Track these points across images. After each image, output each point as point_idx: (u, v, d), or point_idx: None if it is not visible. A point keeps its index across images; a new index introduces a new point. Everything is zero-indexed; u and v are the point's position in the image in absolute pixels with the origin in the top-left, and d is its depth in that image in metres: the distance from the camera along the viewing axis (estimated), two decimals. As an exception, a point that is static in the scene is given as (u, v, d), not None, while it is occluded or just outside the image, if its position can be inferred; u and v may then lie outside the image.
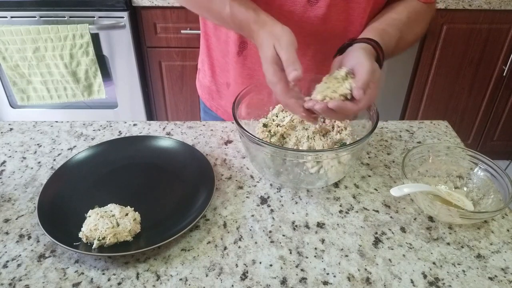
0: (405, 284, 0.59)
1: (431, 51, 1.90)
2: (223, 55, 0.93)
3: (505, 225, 0.68)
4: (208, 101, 1.05)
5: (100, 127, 0.91)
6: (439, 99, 2.06)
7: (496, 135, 2.22)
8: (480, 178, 0.73)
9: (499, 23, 1.83)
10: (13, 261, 0.61)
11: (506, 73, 1.96)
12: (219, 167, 0.80)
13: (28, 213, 0.69)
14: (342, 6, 0.78)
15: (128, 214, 0.65)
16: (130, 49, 1.82)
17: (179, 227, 0.64)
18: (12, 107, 1.99)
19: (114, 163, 0.78)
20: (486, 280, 0.60)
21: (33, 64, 1.76)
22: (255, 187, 0.75)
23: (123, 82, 1.92)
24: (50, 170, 0.79)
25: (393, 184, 0.77)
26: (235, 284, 0.58)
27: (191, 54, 1.88)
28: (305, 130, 0.75)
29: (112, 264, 0.61)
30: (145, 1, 1.72)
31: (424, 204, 0.68)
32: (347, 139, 0.74)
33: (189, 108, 2.06)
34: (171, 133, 0.90)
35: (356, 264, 0.61)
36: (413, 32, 0.82)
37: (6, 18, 1.71)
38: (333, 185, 0.76)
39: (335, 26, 0.80)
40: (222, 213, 0.70)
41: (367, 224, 0.68)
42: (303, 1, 0.77)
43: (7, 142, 0.86)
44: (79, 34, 1.71)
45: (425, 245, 0.65)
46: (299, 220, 0.69)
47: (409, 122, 0.94)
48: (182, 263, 0.61)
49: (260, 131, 0.76)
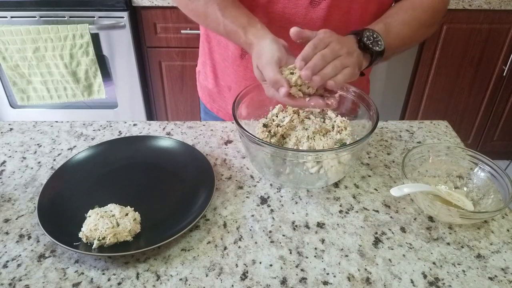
0: (405, 284, 0.59)
1: (431, 51, 1.90)
2: (223, 59, 0.93)
3: (505, 225, 0.68)
4: (209, 103, 1.05)
5: (100, 127, 0.91)
6: (439, 99, 2.06)
7: (496, 135, 2.22)
8: (480, 178, 0.73)
9: (499, 23, 1.83)
10: (13, 261, 0.61)
11: (506, 73, 1.96)
12: (219, 167, 0.80)
13: (28, 213, 0.69)
14: (344, 7, 0.78)
15: (128, 214, 0.65)
16: (130, 49, 1.82)
17: (179, 227, 0.64)
18: (12, 107, 1.99)
19: (114, 163, 0.78)
20: (486, 280, 0.60)
21: (33, 64, 1.76)
22: (255, 187, 0.75)
23: (123, 82, 1.92)
24: (50, 170, 0.79)
25: (393, 184, 0.77)
26: (235, 284, 0.58)
27: (191, 54, 1.88)
28: (305, 130, 0.75)
29: (112, 264, 0.61)
30: (145, 1, 1.72)
31: (424, 204, 0.68)
32: (347, 139, 0.74)
33: (189, 108, 2.06)
34: (171, 133, 0.90)
35: (356, 264, 0.61)
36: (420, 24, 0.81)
37: (6, 18, 1.71)
38: (333, 185, 0.76)
39: (336, 27, 0.80)
40: (222, 213, 0.70)
41: (367, 224, 0.68)
42: (306, 3, 0.77)
43: (7, 142, 0.86)
44: (79, 34, 1.71)
45: (425, 245, 0.65)
46: (299, 220, 0.69)
47: (409, 122, 0.94)
48: (182, 263, 0.61)
49: (260, 131, 0.76)
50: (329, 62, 0.63)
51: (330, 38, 0.66)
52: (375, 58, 0.72)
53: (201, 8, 0.77)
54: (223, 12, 0.74)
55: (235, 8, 0.74)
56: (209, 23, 0.78)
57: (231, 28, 0.73)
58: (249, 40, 0.71)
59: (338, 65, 0.64)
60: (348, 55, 0.66)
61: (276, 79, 0.63)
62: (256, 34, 0.70)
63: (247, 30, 0.71)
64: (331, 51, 0.64)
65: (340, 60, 0.64)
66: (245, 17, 0.73)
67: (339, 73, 0.64)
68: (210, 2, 0.75)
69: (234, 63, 0.91)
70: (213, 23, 0.76)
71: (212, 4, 0.75)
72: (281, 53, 0.66)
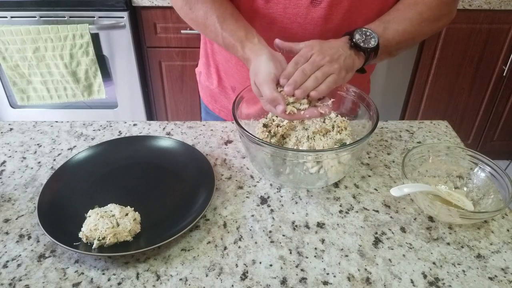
0: (405, 284, 0.59)
1: (431, 51, 1.90)
2: (226, 60, 0.94)
3: (505, 225, 0.68)
4: (210, 103, 1.05)
5: (100, 127, 0.91)
6: (439, 99, 2.06)
7: (496, 135, 2.22)
8: (480, 178, 0.73)
9: (499, 23, 1.83)
10: (13, 261, 0.61)
11: (506, 73, 1.96)
12: (219, 167, 0.80)
13: (28, 213, 0.69)
14: (345, 5, 0.78)
15: (128, 214, 0.65)
16: (130, 49, 1.82)
17: (179, 227, 0.64)
18: (12, 107, 1.99)
19: (114, 163, 0.78)
20: (486, 280, 0.60)
21: (33, 64, 1.76)
22: (255, 187, 0.75)
23: (123, 82, 1.92)
24: (50, 170, 0.79)
25: (393, 184, 0.77)
26: (235, 284, 0.58)
27: (191, 54, 1.88)
28: (305, 130, 0.75)
29: (112, 264, 0.61)
30: (145, 1, 1.72)
31: (424, 204, 0.68)
32: (347, 139, 0.74)
33: (189, 108, 2.06)
34: (171, 133, 0.90)
35: (356, 264, 0.61)
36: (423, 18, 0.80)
37: (6, 18, 1.71)
38: (333, 185, 0.76)
39: (337, 26, 0.80)
40: (222, 213, 0.70)
41: (367, 224, 0.68)
42: (307, 3, 0.77)
43: (7, 142, 0.86)
44: (79, 34, 1.71)
45: (425, 245, 0.65)
46: (299, 220, 0.69)
47: (409, 122, 0.94)
48: (182, 263, 0.61)
49: (260, 131, 0.76)
50: (309, 75, 0.66)
51: (312, 51, 0.68)
52: (369, 55, 0.73)
53: (201, 19, 0.78)
54: (222, 25, 0.75)
55: (234, 21, 0.75)
56: (208, 33, 0.79)
57: (229, 41, 0.75)
58: (246, 55, 0.72)
59: (319, 75, 0.66)
60: (331, 62, 0.67)
61: (273, 97, 0.65)
62: (253, 49, 0.71)
63: (245, 45, 0.72)
64: (311, 64, 0.66)
65: (321, 70, 0.66)
66: (243, 31, 0.74)
67: (322, 83, 0.66)
68: (210, 13, 0.76)
69: (237, 64, 0.91)
70: (212, 34, 0.78)
71: (212, 15, 0.76)
72: (278, 71, 0.67)
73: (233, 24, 0.75)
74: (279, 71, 0.67)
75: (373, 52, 0.73)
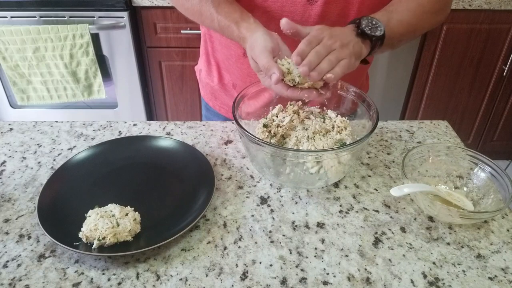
0: (405, 284, 0.59)
1: (431, 51, 1.90)
2: (226, 58, 0.94)
3: (505, 225, 0.68)
4: (210, 100, 1.05)
5: (100, 127, 0.91)
6: (439, 99, 2.06)
7: (496, 135, 2.22)
8: (480, 178, 0.73)
9: (499, 23, 1.83)
10: (13, 261, 0.61)
11: (506, 73, 1.96)
12: (219, 167, 0.80)
13: (28, 213, 0.69)
14: (341, 2, 0.79)
15: (128, 214, 0.65)
16: (130, 49, 1.82)
17: (179, 227, 0.64)
18: (12, 107, 1.99)
19: (114, 163, 0.78)
20: (486, 280, 0.60)
21: (33, 64, 1.76)
22: (255, 187, 0.75)
23: (123, 82, 1.92)
24: (50, 170, 0.79)
25: (393, 184, 0.77)
26: (235, 284, 0.58)
27: (191, 54, 1.88)
28: (305, 130, 0.75)
29: (112, 264, 0.61)
30: (145, 1, 1.72)
31: (424, 204, 0.68)
32: (347, 139, 0.74)
33: (189, 108, 2.06)
34: (171, 133, 0.90)
35: (356, 264, 0.61)
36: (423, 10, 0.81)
37: (6, 18, 1.71)
38: (333, 185, 0.76)
39: (334, 22, 0.80)
40: (222, 213, 0.70)
41: (367, 224, 0.68)
42: (303, 1, 0.78)
43: (7, 142, 0.86)
44: (79, 34, 1.71)
45: (425, 245, 0.65)
46: (299, 220, 0.69)
47: (409, 122, 0.94)
48: (182, 263, 0.61)
49: (260, 131, 0.76)
50: (323, 57, 0.66)
51: (323, 34, 0.68)
52: (375, 43, 0.73)
53: (196, 6, 0.79)
54: (217, 9, 0.76)
55: (228, 4, 0.76)
56: (204, 20, 0.80)
57: (224, 23, 0.75)
58: (242, 34, 0.73)
59: (333, 59, 0.66)
60: (342, 47, 0.67)
61: (269, 65, 0.65)
62: (249, 28, 0.72)
63: (240, 25, 0.73)
64: (324, 46, 0.66)
65: (334, 54, 0.66)
66: (238, 12, 0.75)
67: (336, 66, 0.66)
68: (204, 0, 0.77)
69: (237, 61, 0.92)
70: (207, 20, 0.79)
71: (206, 1, 0.77)
72: (274, 43, 0.68)
73: (227, 7, 0.76)
74: (276, 45, 0.68)
75: (379, 41, 0.73)
